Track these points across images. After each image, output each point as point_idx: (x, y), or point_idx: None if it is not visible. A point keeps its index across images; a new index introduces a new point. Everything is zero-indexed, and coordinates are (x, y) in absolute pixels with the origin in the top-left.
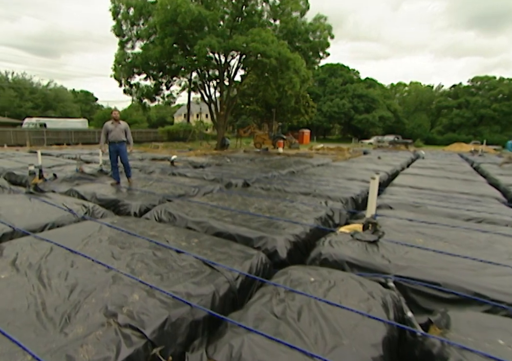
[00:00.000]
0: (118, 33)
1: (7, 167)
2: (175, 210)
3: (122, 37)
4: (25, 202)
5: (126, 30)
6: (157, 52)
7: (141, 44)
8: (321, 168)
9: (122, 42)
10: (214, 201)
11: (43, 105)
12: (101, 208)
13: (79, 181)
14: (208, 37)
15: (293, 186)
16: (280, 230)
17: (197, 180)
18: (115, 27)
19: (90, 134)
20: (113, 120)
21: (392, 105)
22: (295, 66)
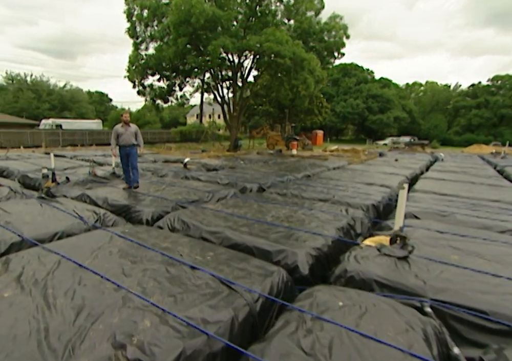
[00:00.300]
0: (132, 35)
1: (22, 169)
2: (188, 218)
3: (136, 38)
4: (36, 208)
5: (140, 31)
6: (171, 52)
7: (155, 45)
8: (338, 172)
9: (136, 43)
10: (229, 208)
11: (60, 106)
12: (112, 215)
13: (91, 184)
14: (221, 37)
15: (310, 192)
16: (300, 242)
17: (211, 184)
18: (129, 29)
19: (104, 135)
20: (123, 124)
21: (407, 105)
22: (310, 67)
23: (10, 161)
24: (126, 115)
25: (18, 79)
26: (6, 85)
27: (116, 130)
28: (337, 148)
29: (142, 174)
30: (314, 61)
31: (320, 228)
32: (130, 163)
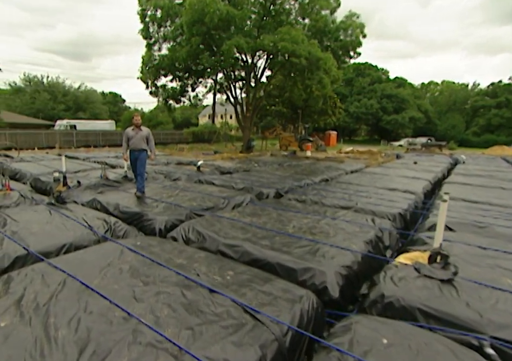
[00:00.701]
0: (145, 35)
1: (34, 172)
2: (204, 228)
3: (149, 39)
4: (44, 216)
5: (153, 32)
6: (184, 52)
7: (168, 46)
8: (357, 176)
9: (149, 44)
10: (247, 216)
11: (74, 106)
12: (123, 224)
13: (103, 188)
14: (235, 37)
15: (331, 198)
16: (328, 259)
17: (225, 189)
18: (143, 30)
19: (117, 135)
20: (134, 126)
21: (423, 105)
22: (325, 66)
23: (23, 163)
24: (137, 118)
25: (35, 80)
26: (24, 86)
27: (127, 133)
28: (352, 149)
29: (155, 177)
30: (330, 61)
31: (348, 242)
32: (138, 168)
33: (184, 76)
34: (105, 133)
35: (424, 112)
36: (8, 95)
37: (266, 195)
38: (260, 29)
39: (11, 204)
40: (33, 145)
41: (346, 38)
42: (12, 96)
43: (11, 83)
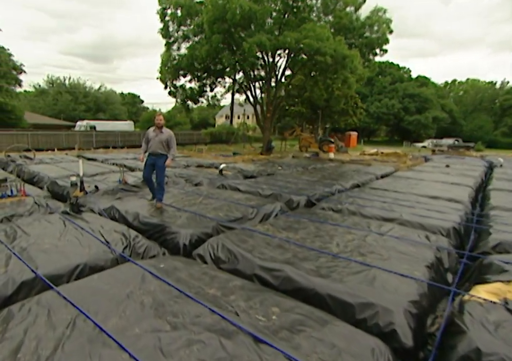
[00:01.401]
0: (164, 35)
1: (52, 175)
2: (235, 246)
3: (168, 38)
4: (58, 228)
5: (172, 31)
6: (204, 51)
7: (187, 46)
8: (390, 181)
9: (168, 43)
10: (282, 231)
11: (95, 107)
12: (143, 239)
13: (121, 193)
14: (257, 34)
15: (369, 208)
16: (391, 292)
17: (252, 196)
18: (162, 29)
19: (135, 136)
20: (155, 127)
21: (447, 104)
22: (352, 65)
23: (42, 166)
24: (160, 118)
25: (57, 82)
26: (48, 88)
27: (148, 134)
28: (377, 151)
29: (175, 181)
30: (357, 59)
31: (407, 265)
32: (156, 176)
33: (202, 76)
34: (123, 133)
35: (448, 112)
36: (32, 97)
37: (296, 203)
38: (282, 26)
39: (24, 212)
40: (53, 146)
41: (372, 34)
42: (36, 97)
43: (35, 85)
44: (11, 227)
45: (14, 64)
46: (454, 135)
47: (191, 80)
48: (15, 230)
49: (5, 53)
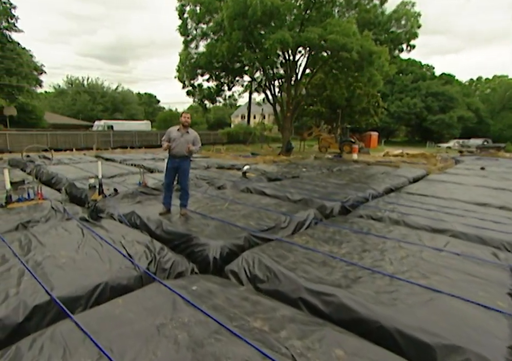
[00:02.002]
0: (183, 32)
1: (70, 177)
2: (274, 262)
3: (186, 36)
4: (76, 237)
5: (191, 29)
6: (225, 48)
7: (205, 44)
8: (426, 185)
9: (186, 41)
10: (322, 243)
11: (112, 107)
12: (169, 253)
13: (141, 197)
14: (279, 31)
15: (413, 216)
16: (480, 333)
17: (280, 201)
18: (180, 27)
19: (153, 136)
20: (180, 127)
21: (473, 103)
22: (379, 61)
23: (60, 167)
24: (187, 116)
25: (76, 82)
26: (67, 88)
27: (170, 133)
28: (402, 152)
29: (197, 184)
30: (385, 55)
31: (484, 293)
32: (179, 181)
33: (220, 75)
34: (141, 133)
35: (475, 111)
36: (52, 97)
37: (330, 210)
38: (303, 22)
39: (41, 218)
40: (72, 146)
41: (398, 29)
42: (55, 98)
43: (55, 85)
44: (25, 235)
45: (35, 65)
46: (480, 135)
47: (209, 78)
48: (30, 239)
49: (27, 55)
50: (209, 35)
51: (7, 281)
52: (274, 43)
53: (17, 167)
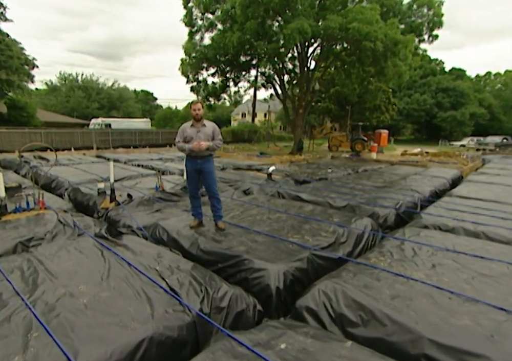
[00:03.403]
0: (188, 23)
1: (72, 180)
2: (365, 296)
3: (191, 27)
4: (95, 263)
5: (196, 19)
6: (236, 39)
7: (211, 35)
8: (473, 188)
9: (191, 32)
10: (408, 264)
11: (108, 105)
12: (224, 285)
13: (159, 204)
14: (297, 19)
15: (491, 227)
16: None
17: (322, 207)
18: (185, 16)
19: (153, 135)
20: (193, 121)
21: (485, 99)
22: (405, 51)
23: (59, 168)
24: (196, 107)
25: (70, 78)
26: (60, 85)
27: (183, 131)
28: (421, 151)
29: (221, 188)
30: (411, 45)
31: None
32: (205, 186)
33: (225, 69)
34: (141, 132)
35: (487, 107)
36: (44, 94)
37: (383, 218)
38: (320, 10)
39: (46, 234)
40: (68, 145)
41: (418, 18)
42: (47, 95)
43: (47, 82)
44: (28, 261)
45: (26, 58)
46: (492, 133)
47: (214, 73)
48: (35, 267)
49: (17, 47)
50: (215, 26)
51: (8, 342)
52: (293, 33)
53: (10, 169)
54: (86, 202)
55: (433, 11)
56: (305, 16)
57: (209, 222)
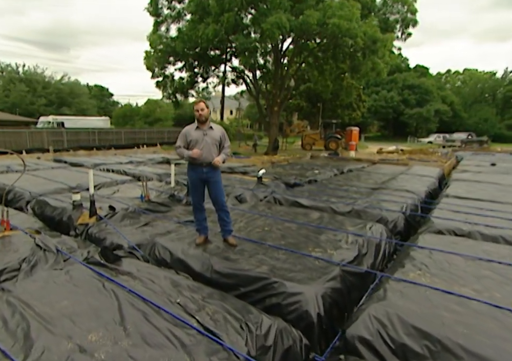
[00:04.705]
0: (153, 12)
1: (34, 190)
2: (424, 321)
3: (157, 16)
4: (97, 301)
5: (162, 8)
6: (211, 31)
7: (178, 26)
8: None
9: (157, 22)
10: (446, 276)
11: (57, 101)
12: (263, 316)
13: (146, 217)
14: (273, 12)
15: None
16: None
17: (325, 213)
18: (150, 4)
19: (114, 134)
20: (198, 124)
21: (448, 96)
22: (384, 50)
23: (13, 175)
24: (199, 107)
25: (9, 70)
26: None
27: (188, 133)
28: (396, 148)
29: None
30: (390, 43)
31: None
32: (212, 198)
33: (194, 63)
34: (100, 131)
35: (450, 104)
36: None
37: (392, 224)
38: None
39: (21, 264)
40: (14, 147)
41: (392, 15)
42: None
43: None
44: (9, 304)
45: None
46: (454, 129)
47: (182, 68)
48: (21, 313)
49: None
50: (183, 16)
51: None
52: (272, 28)
53: None
54: (57, 217)
55: (407, 7)
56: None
57: (215, 237)
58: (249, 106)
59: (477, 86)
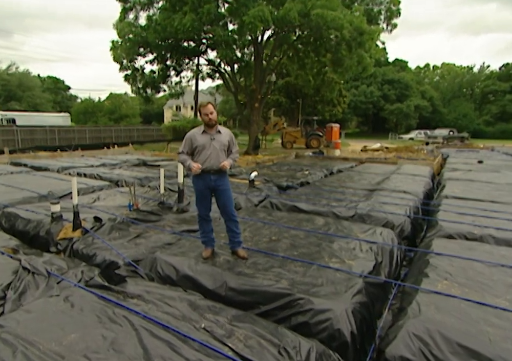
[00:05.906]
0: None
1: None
2: (469, 337)
3: (124, 3)
4: (111, 331)
5: None
6: (189, 22)
7: (148, 14)
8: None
9: (125, 9)
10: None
11: (4, 94)
12: (300, 339)
13: (136, 227)
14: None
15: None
16: None
17: (329, 219)
18: None
19: (76, 133)
20: (205, 128)
21: (427, 91)
22: (371, 43)
23: None
24: (208, 111)
25: None
26: None
27: (193, 139)
28: (381, 146)
29: None
30: (377, 35)
31: None
32: (220, 207)
33: (166, 55)
34: (59, 130)
35: (429, 100)
36: None
37: (399, 227)
38: None
39: (5, 293)
40: None
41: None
42: None
43: None
44: (7, 343)
45: None
46: (434, 125)
47: (153, 60)
48: (25, 353)
49: None
50: (154, 3)
51: None
52: (255, 21)
53: None
54: (32, 231)
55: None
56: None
57: (220, 249)
58: (223, 101)
59: (455, 80)
